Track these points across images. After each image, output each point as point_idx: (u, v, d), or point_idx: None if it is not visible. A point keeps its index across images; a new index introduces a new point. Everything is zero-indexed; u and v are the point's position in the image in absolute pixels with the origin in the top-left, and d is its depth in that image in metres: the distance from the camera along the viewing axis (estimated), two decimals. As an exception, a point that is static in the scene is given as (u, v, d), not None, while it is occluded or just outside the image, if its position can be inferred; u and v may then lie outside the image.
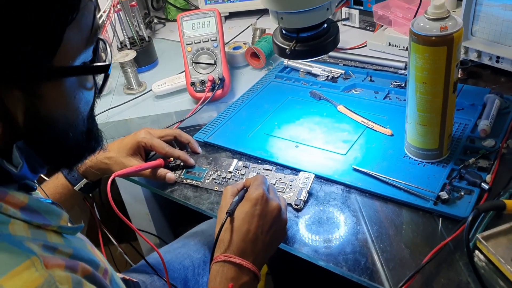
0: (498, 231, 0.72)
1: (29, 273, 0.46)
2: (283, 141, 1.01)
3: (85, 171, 0.96)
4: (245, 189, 0.80)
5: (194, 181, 0.95)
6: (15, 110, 0.49)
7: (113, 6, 1.33)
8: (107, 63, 0.58)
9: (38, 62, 0.48)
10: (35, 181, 0.62)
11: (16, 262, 0.47)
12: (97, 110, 1.28)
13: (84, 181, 0.97)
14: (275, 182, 0.90)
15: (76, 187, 0.96)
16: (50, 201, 0.60)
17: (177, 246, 1.12)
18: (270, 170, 0.93)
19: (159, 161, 0.96)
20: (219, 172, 0.96)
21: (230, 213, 0.75)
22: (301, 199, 0.85)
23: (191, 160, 0.98)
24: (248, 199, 0.76)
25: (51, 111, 0.52)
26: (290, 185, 0.88)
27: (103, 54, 0.60)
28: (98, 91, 0.61)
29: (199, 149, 1.02)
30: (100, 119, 1.23)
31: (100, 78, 0.60)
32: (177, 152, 0.98)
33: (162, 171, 0.95)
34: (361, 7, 1.40)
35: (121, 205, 1.45)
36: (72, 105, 0.55)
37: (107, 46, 0.61)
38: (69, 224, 0.60)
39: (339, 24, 1.44)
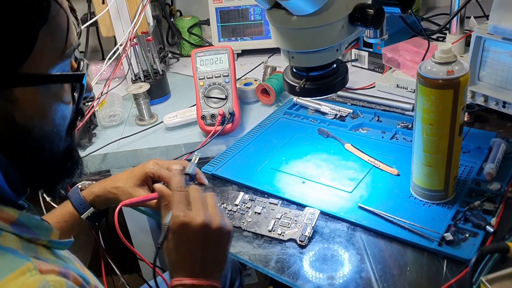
0: (502, 274, 0.71)
1: (25, 278, 0.47)
2: (290, 177, 1.02)
3: (93, 200, 0.97)
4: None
5: None
6: None
7: (130, 39, 1.37)
8: (81, 72, 0.59)
9: (10, 65, 0.49)
10: (26, 201, 0.63)
11: (11, 268, 0.48)
12: (108, 139, 1.31)
13: (91, 210, 0.97)
14: (281, 216, 0.90)
15: (83, 216, 0.96)
16: (39, 218, 0.60)
17: None
18: (276, 204, 0.94)
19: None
20: (225, 204, 0.96)
21: (160, 245, 0.77)
22: (306, 235, 0.85)
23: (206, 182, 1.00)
24: (172, 229, 0.76)
25: (27, 119, 0.53)
26: (295, 220, 0.89)
27: (79, 65, 0.61)
28: (75, 104, 0.61)
29: (206, 181, 1.03)
30: (110, 149, 1.25)
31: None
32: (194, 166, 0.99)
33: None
34: (371, 49, 1.43)
35: (127, 235, 1.46)
36: (48, 116, 0.56)
37: (84, 59, 0.62)
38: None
39: (349, 64, 1.47)
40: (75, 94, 0.60)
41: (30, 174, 0.59)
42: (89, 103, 1.27)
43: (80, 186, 0.99)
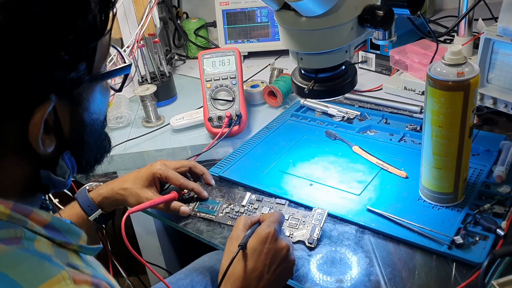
0: (514, 278, 0.71)
1: (59, 286, 0.48)
2: (298, 179, 1.02)
3: (101, 201, 0.97)
4: (258, 223, 0.80)
5: (207, 215, 0.95)
6: (64, 120, 0.55)
7: (137, 41, 1.38)
8: (127, 63, 0.64)
9: (81, 74, 0.54)
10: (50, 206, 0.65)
11: (48, 276, 0.48)
12: (115, 141, 1.31)
13: (99, 211, 0.97)
14: (288, 217, 0.90)
15: (91, 217, 0.96)
16: (69, 221, 0.61)
17: (180, 278, 1.12)
18: (283, 205, 0.93)
19: (173, 194, 0.97)
20: (232, 205, 0.96)
21: (242, 246, 0.75)
22: (314, 238, 0.85)
23: (205, 193, 0.99)
24: (259, 235, 0.76)
25: (90, 116, 0.58)
26: (303, 221, 0.88)
27: (120, 60, 0.69)
28: (119, 89, 0.68)
29: (213, 181, 1.02)
30: (117, 151, 1.25)
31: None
32: (191, 184, 0.99)
33: (176, 204, 0.96)
34: (378, 52, 1.43)
35: (133, 237, 1.45)
36: (103, 107, 0.62)
37: (121, 53, 0.70)
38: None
39: (356, 66, 1.47)
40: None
41: (85, 162, 0.63)
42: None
43: (87, 188, 0.99)
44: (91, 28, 0.53)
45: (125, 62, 0.64)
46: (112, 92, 0.69)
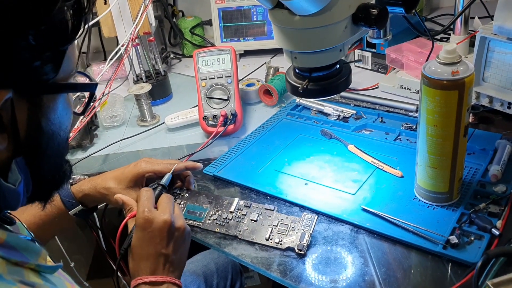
0: (508, 278, 0.70)
1: None
2: (293, 178, 1.01)
3: (82, 197, 0.95)
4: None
5: (194, 222, 0.93)
6: (21, 120, 0.52)
7: (132, 40, 1.37)
8: (95, 82, 0.64)
9: (45, 74, 0.53)
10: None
11: None
12: (109, 140, 1.31)
13: (79, 207, 0.95)
14: (277, 223, 0.88)
15: (71, 212, 0.94)
16: (29, 238, 0.59)
17: None
18: (272, 210, 0.91)
19: None
20: (220, 212, 0.94)
21: (124, 250, 0.79)
22: (304, 244, 0.83)
23: (199, 164, 1.00)
24: (137, 226, 0.80)
25: (50, 125, 0.56)
26: (293, 227, 0.87)
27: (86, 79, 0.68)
28: (82, 112, 0.67)
29: (193, 186, 1.01)
30: (112, 150, 1.24)
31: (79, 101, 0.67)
32: (183, 163, 0.98)
33: None
34: (374, 50, 1.42)
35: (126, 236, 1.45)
36: (64, 122, 0.59)
37: (88, 75, 0.69)
38: (50, 260, 0.60)
39: (352, 65, 1.46)
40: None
41: (40, 180, 0.60)
42: (91, 104, 1.27)
43: (70, 181, 0.97)
44: (59, 27, 0.53)
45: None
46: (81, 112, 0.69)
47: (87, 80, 0.68)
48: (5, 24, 0.47)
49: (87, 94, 0.66)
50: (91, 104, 0.68)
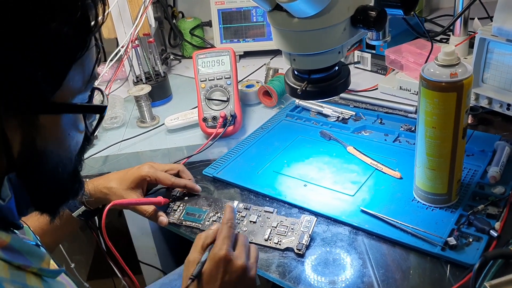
0: (506, 280, 0.70)
1: None
2: (292, 180, 1.01)
3: (84, 198, 0.95)
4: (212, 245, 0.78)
5: (194, 223, 0.94)
6: (13, 139, 0.51)
7: (131, 41, 1.37)
8: (103, 105, 0.60)
9: (41, 94, 0.50)
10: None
11: None
12: (109, 142, 1.31)
13: (82, 208, 0.96)
14: (277, 225, 0.89)
15: (75, 214, 0.95)
16: (34, 243, 0.59)
17: (173, 278, 1.11)
18: (272, 213, 0.91)
19: (159, 198, 0.96)
20: (219, 214, 0.94)
21: (194, 278, 0.72)
22: (303, 244, 0.84)
23: (198, 187, 0.99)
24: (212, 259, 0.74)
25: (46, 145, 0.54)
26: (292, 229, 0.87)
27: (99, 99, 0.63)
28: (91, 133, 0.63)
29: (197, 188, 1.01)
30: (111, 151, 1.25)
31: (91, 121, 0.63)
32: (183, 181, 0.99)
33: (157, 212, 0.95)
34: (373, 51, 1.43)
35: (128, 237, 1.45)
36: (65, 143, 0.57)
37: (104, 93, 0.64)
38: (53, 264, 0.60)
39: (351, 67, 1.47)
40: (88, 122, 0.61)
41: (39, 195, 0.59)
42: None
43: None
44: (58, 42, 0.49)
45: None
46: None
47: (100, 97, 0.64)
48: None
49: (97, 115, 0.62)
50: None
